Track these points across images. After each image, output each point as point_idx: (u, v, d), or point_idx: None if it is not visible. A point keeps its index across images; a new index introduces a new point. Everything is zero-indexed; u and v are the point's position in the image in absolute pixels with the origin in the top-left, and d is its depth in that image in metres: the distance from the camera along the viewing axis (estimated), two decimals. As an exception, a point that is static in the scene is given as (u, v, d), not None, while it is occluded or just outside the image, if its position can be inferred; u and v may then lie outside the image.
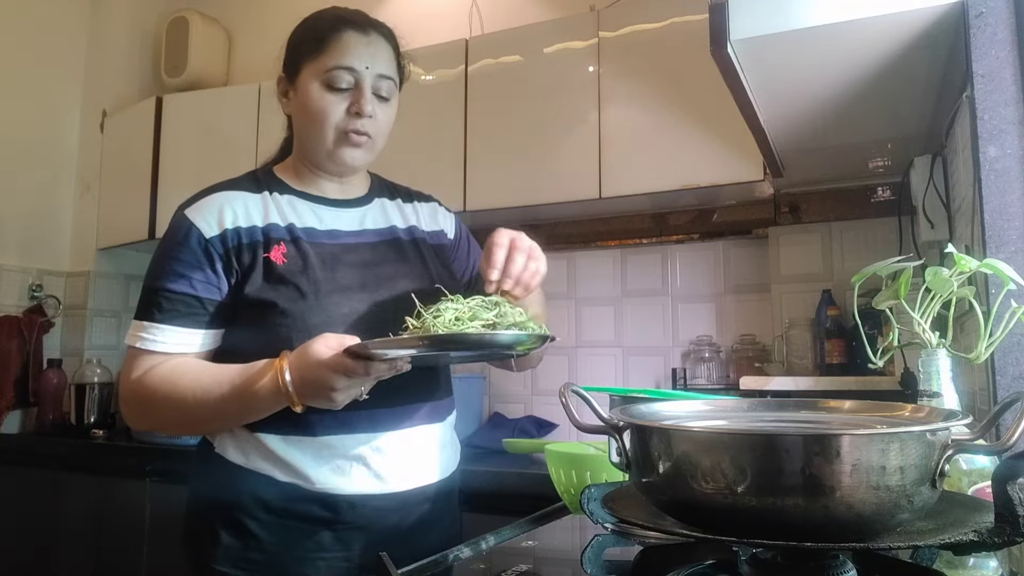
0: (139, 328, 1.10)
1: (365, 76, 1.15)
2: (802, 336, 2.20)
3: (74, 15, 3.30)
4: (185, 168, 2.98)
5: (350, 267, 1.16)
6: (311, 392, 0.99)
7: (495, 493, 1.92)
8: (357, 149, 1.17)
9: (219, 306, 1.11)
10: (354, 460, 1.10)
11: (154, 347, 1.09)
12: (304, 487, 1.08)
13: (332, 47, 1.15)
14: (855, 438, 0.58)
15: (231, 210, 1.14)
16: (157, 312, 1.09)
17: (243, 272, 1.11)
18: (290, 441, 1.09)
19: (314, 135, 1.17)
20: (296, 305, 1.08)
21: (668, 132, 2.18)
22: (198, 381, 1.06)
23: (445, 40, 2.58)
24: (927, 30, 1.22)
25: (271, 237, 1.13)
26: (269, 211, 1.16)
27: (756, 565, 0.68)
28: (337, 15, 1.20)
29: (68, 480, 2.65)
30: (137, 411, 1.13)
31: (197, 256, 1.10)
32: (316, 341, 0.98)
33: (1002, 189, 1.14)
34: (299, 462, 1.08)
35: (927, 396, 0.89)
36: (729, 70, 1.32)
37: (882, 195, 2.07)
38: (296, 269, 1.11)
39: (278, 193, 1.19)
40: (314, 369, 0.97)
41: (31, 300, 3.08)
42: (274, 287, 1.10)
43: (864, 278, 0.97)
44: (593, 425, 0.73)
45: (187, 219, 1.13)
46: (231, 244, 1.11)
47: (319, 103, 1.15)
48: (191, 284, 1.09)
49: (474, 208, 2.42)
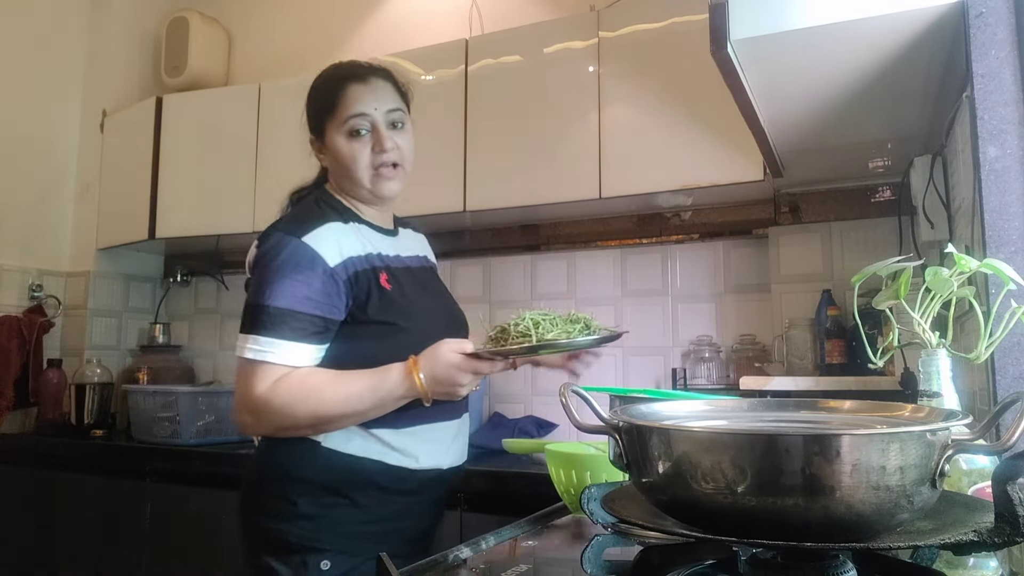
0: (268, 344, 1.21)
1: (377, 117, 1.33)
2: (802, 336, 2.20)
3: (74, 15, 3.30)
4: (185, 168, 2.98)
5: (422, 289, 1.39)
6: (441, 388, 1.20)
7: (495, 493, 1.92)
8: (391, 180, 1.36)
9: (338, 325, 1.27)
10: (441, 442, 1.34)
11: (282, 361, 1.22)
12: (409, 467, 1.29)
13: (342, 102, 1.33)
14: (855, 438, 0.58)
15: (342, 241, 1.29)
16: (288, 331, 1.22)
17: (359, 296, 1.27)
18: (400, 432, 1.28)
19: (352, 179, 1.34)
20: (410, 323, 1.29)
21: (668, 132, 2.18)
22: (338, 388, 1.22)
23: (445, 40, 2.58)
24: (927, 30, 1.22)
25: (376, 265, 1.31)
26: (364, 241, 1.33)
27: (756, 565, 0.68)
28: (339, 74, 1.38)
29: (68, 480, 2.65)
30: (269, 419, 1.23)
31: (324, 282, 1.24)
32: (441, 346, 1.19)
33: (1002, 189, 1.14)
34: (409, 447, 1.29)
35: (927, 396, 0.89)
36: (729, 70, 1.32)
37: (882, 195, 2.07)
38: (398, 293, 1.31)
39: (355, 223, 1.35)
40: (446, 369, 1.18)
41: (31, 300, 3.08)
42: (389, 309, 1.29)
43: (864, 278, 0.97)
44: (593, 425, 0.73)
45: (310, 247, 1.25)
46: (350, 272, 1.27)
47: (348, 153, 1.33)
48: (320, 307, 1.24)
49: (474, 208, 2.43)
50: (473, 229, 2.79)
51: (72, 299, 3.18)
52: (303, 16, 3.29)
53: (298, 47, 3.23)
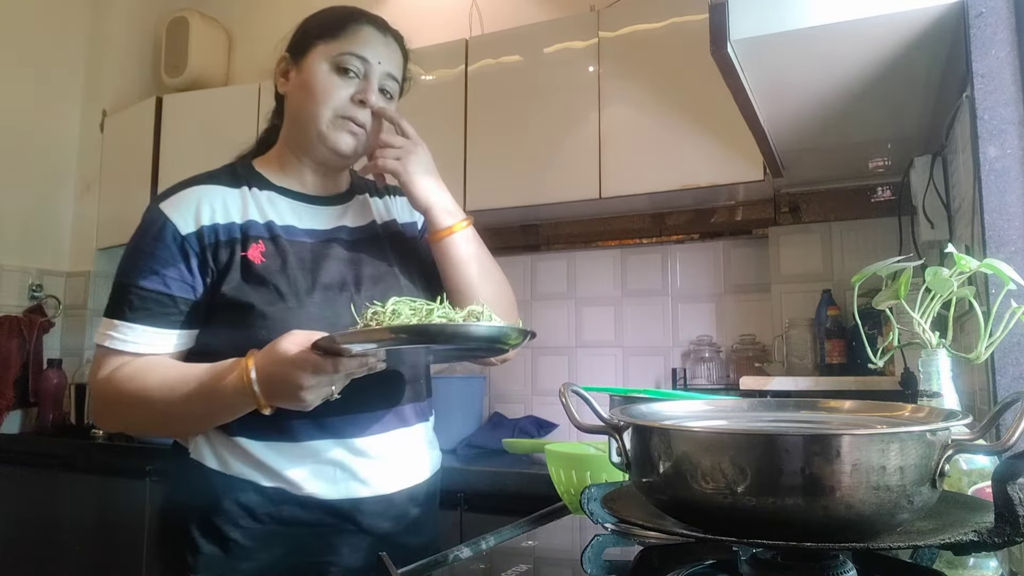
0: (109, 326, 1.06)
1: (375, 69, 1.14)
2: (802, 336, 2.20)
3: (74, 15, 3.30)
4: (185, 168, 2.92)
5: (330, 266, 1.12)
6: (278, 391, 0.95)
7: (495, 493, 1.92)
8: (351, 137, 1.14)
9: (193, 305, 1.07)
10: (337, 465, 1.07)
11: (124, 347, 1.05)
12: (290, 491, 1.04)
13: (349, 34, 1.14)
14: (855, 438, 0.58)
15: (208, 205, 1.09)
16: (128, 310, 1.05)
17: (219, 271, 1.07)
18: (271, 446, 1.04)
19: (310, 114, 1.13)
20: (275, 307, 1.04)
21: (668, 132, 2.18)
22: (164, 380, 1.02)
23: (445, 40, 2.58)
24: (927, 30, 1.22)
25: (249, 235, 1.09)
26: (248, 207, 1.12)
27: (756, 565, 0.68)
28: (358, 10, 1.19)
29: (68, 480, 2.65)
30: (105, 411, 1.10)
31: (172, 253, 1.06)
32: (283, 338, 0.94)
33: (1002, 189, 1.14)
34: (282, 467, 1.04)
35: (927, 396, 0.89)
36: (729, 70, 1.32)
37: (882, 195, 2.07)
38: (275, 268, 1.07)
39: (257, 188, 1.15)
40: (280, 366, 0.93)
41: (31, 300, 3.08)
42: (252, 287, 1.06)
43: (864, 278, 0.97)
44: (593, 425, 0.73)
45: (162, 214, 1.08)
46: (208, 241, 1.07)
47: (324, 83, 1.12)
48: (164, 282, 1.05)
49: (474, 208, 2.42)
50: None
51: (72, 299, 3.18)
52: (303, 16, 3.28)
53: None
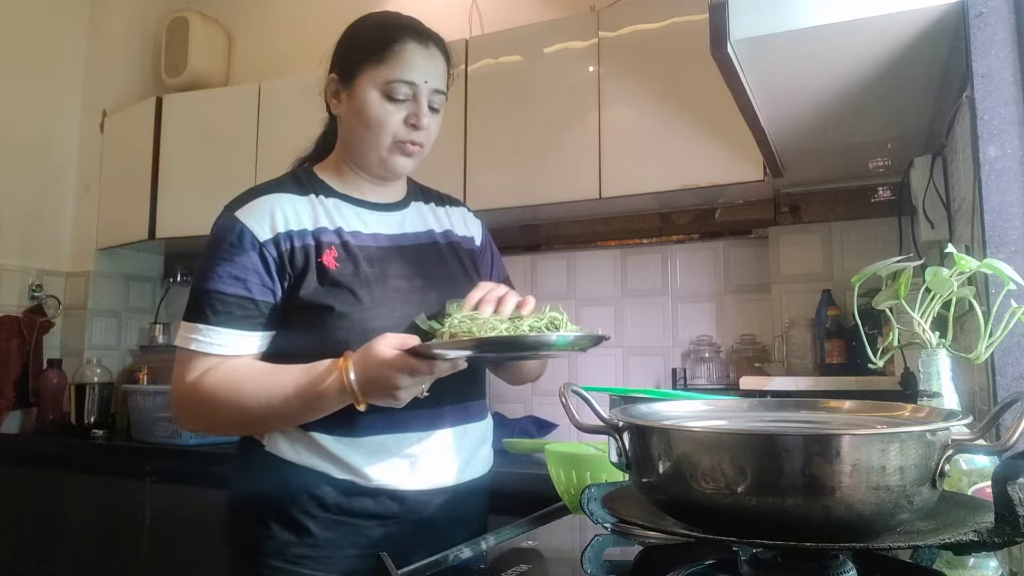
0: (192, 330, 1.11)
1: (423, 90, 1.17)
2: (802, 336, 2.20)
3: (74, 15, 3.30)
4: (185, 168, 2.98)
5: (397, 271, 1.18)
6: (376, 391, 1.01)
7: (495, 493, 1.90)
8: (409, 158, 1.20)
9: (273, 308, 1.13)
10: (405, 458, 1.13)
11: (210, 349, 1.09)
12: (360, 484, 1.10)
13: (395, 58, 1.16)
14: (855, 438, 0.58)
15: (282, 213, 1.14)
16: (211, 314, 1.09)
17: (296, 276, 1.12)
18: (342, 440, 1.11)
19: (369, 142, 1.18)
20: (352, 308, 1.11)
21: (668, 132, 2.17)
22: (261, 384, 1.08)
23: (445, 40, 2.58)
24: (927, 30, 1.22)
25: (322, 241, 1.14)
26: (318, 214, 1.17)
27: (756, 565, 0.68)
28: (398, 23, 1.20)
29: (68, 480, 2.65)
30: (193, 413, 1.14)
31: (251, 258, 1.11)
32: (378, 341, 1.00)
33: (1002, 189, 1.14)
34: (354, 460, 1.10)
35: (927, 396, 0.89)
36: (729, 70, 1.32)
37: (882, 195, 2.07)
38: (348, 273, 1.13)
39: (324, 196, 1.20)
40: (378, 368, 0.99)
41: (31, 300, 3.08)
42: (328, 291, 1.11)
43: (864, 278, 0.97)
44: (593, 425, 0.73)
45: (239, 220, 1.13)
46: (284, 248, 1.12)
47: (378, 113, 1.16)
48: (246, 286, 1.10)
49: (474, 208, 2.39)
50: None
51: (72, 299, 3.18)
52: (303, 16, 3.29)
53: (298, 47, 3.22)
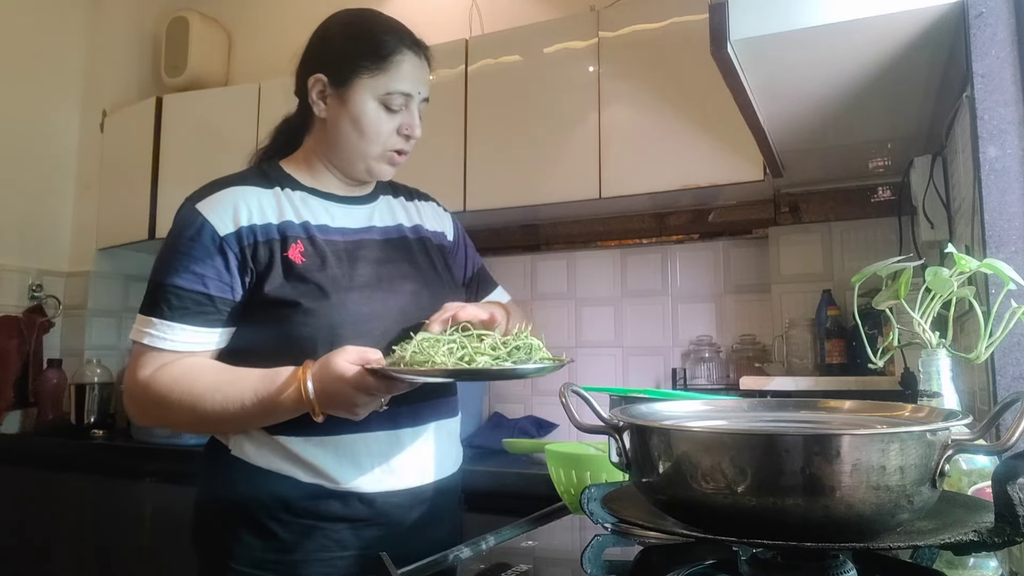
0: (146, 324, 1.08)
1: (416, 99, 1.19)
2: (802, 336, 2.20)
3: (74, 15, 3.30)
4: (185, 168, 2.98)
5: (364, 264, 1.16)
6: (333, 405, 1.01)
7: (495, 493, 1.91)
8: (393, 168, 1.21)
9: (231, 305, 1.10)
10: (375, 456, 1.11)
11: (164, 344, 1.07)
12: (328, 487, 1.09)
13: (394, 69, 1.16)
14: (855, 438, 0.58)
15: (245, 206, 1.12)
16: (167, 309, 1.07)
17: (260, 271, 1.10)
18: (311, 441, 1.09)
19: (359, 149, 1.18)
20: (319, 304, 1.09)
21: (668, 132, 2.17)
22: (215, 384, 1.06)
23: (445, 40, 2.57)
24: (927, 30, 1.22)
25: (287, 235, 1.12)
26: (283, 208, 1.15)
27: (756, 565, 0.68)
28: (397, 32, 1.20)
29: (68, 480, 2.65)
30: (146, 409, 1.12)
31: (210, 253, 1.09)
32: (338, 355, 0.99)
33: (1002, 189, 1.14)
34: (321, 462, 1.09)
35: (927, 396, 0.89)
36: (729, 70, 1.32)
37: (882, 195, 2.07)
38: (315, 267, 1.11)
39: (290, 189, 1.18)
40: (336, 383, 0.98)
41: (31, 300, 3.07)
42: (295, 286, 1.09)
43: (864, 278, 0.97)
44: (593, 425, 0.73)
45: (200, 214, 1.11)
46: (247, 242, 1.10)
47: (374, 122, 1.16)
48: (203, 282, 1.08)
49: (474, 208, 2.42)
50: (473, 229, 2.77)
51: (72, 299, 3.18)
52: (303, 16, 3.26)
53: (298, 47, 3.22)
